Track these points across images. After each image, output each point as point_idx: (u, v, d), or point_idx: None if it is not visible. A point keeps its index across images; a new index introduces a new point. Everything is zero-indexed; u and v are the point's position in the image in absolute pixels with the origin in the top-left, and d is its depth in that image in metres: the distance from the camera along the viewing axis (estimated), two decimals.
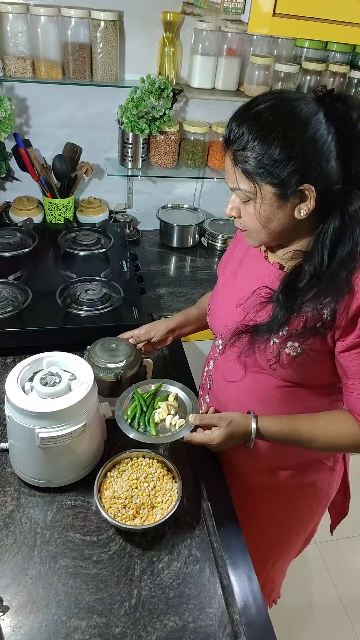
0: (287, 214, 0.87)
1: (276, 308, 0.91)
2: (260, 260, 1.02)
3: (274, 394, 1.01)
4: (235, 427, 0.93)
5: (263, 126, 0.81)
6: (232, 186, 0.90)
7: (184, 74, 1.79)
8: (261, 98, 0.84)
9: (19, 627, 0.81)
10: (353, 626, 1.86)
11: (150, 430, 0.97)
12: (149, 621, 0.83)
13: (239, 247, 1.11)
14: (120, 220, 1.94)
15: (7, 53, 1.56)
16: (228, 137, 0.86)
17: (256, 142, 0.82)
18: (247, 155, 0.83)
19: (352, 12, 1.27)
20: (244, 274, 1.05)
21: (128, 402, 1.02)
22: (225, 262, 1.15)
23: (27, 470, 0.99)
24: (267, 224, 0.89)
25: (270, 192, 0.84)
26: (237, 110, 0.87)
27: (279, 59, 1.74)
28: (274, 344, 0.94)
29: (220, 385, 1.12)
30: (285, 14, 1.24)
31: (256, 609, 0.86)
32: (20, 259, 1.58)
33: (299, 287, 0.89)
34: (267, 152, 0.81)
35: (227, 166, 0.89)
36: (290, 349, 0.93)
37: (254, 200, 0.87)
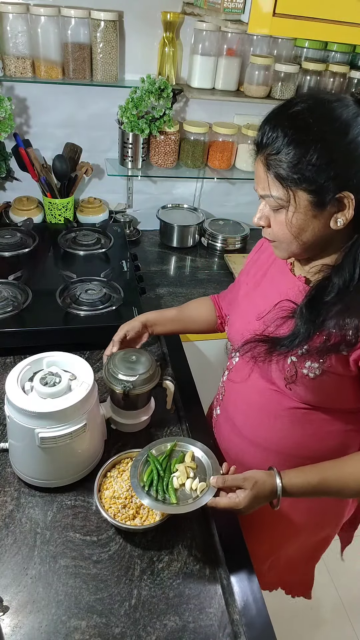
0: (322, 223, 0.81)
1: (299, 322, 0.86)
2: (286, 272, 0.97)
3: (287, 414, 0.97)
4: (260, 487, 0.85)
5: (299, 129, 0.76)
6: (263, 193, 0.83)
7: (184, 74, 1.79)
8: (298, 99, 0.79)
9: (19, 627, 0.81)
10: (353, 626, 1.86)
11: (170, 498, 0.89)
12: (149, 621, 0.83)
13: (264, 256, 1.05)
14: (120, 220, 1.94)
15: (7, 53, 1.56)
16: (260, 141, 0.81)
17: (292, 146, 0.76)
18: (281, 159, 0.77)
19: (352, 12, 1.27)
20: (267, 286, 1.00)
21: (142, 466, 0.94)
22: (247, 270, 1.09)
23: (27, 470, 0.99)
24: (300, 234, 0.82)
25: (305, 199, 0.78)
26: (270, 112, 0.81)
27: (279, 59, 1.74)
28: (291, 362, 0.89)
29: (230, 398, 1.10)
30: (285, 14, 1.24)
31: (256, 609, 0.86)
32: (20, 259, 1.58)
33: (324, 301, 0.83)
34: (304, 156, 0.75)
35: (258, 172, 0.83)
36: (309, 369, 0.88)
37: (286, 209, 0.81)
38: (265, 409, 0.99)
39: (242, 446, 1.07)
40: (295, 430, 0.98)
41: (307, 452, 1.00)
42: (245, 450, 1.07)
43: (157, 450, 0.98)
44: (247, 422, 1.05)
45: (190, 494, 0.90)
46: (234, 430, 1.09)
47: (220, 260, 1.93)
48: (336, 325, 0.82)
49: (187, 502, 0.88)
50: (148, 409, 1.14)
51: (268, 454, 1.03)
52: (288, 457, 1.02)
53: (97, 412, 1.02)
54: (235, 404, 1.08)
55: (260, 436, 1.03)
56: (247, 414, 1.04)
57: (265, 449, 1.03)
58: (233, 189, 2.10)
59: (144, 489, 0.90)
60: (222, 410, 1.14)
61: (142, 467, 0.94)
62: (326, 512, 1.14)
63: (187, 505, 0.87)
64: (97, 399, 1.02)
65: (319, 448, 1.00)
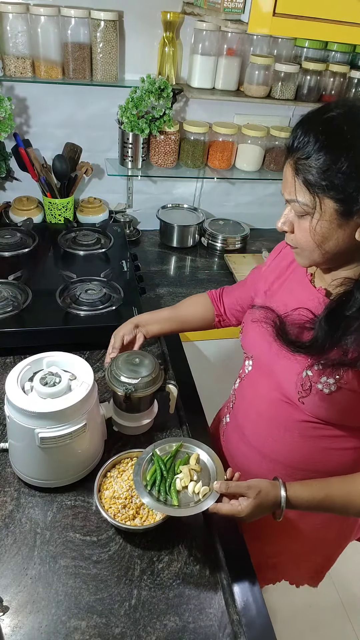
0: (347, 234, 0.79)
1: (318, 334, 0.84)
2: (306, 284, 0.95)
3: (297, 427, 0.96)
4: (264, 497, 0.84)
5: (332, 135, 0.74)
6: (289, 197, 0.81)
7: (184, 74, 1.79)
8: (334, 104, 0.77)
9: (19, 627, 0.81)
10: (353, 626, 1.86)
11: (172, 500, 0.89)
12: (149, 621, 0.83)
13: (283, 264, 1.03)
14: (120, 220, 1.94)
15: (7, 53, 1.56)
16: (291, 144, 0.79)
17: (322, 152, 0.74)
18: (311, 164, 0.75)
19: (352, 12, 1.27)
20: (285, 296, 0.98)
21: (147, 464, 0.94)
22: (266, 277, 1.06)
23: (27, 470, 0.99)
24: (323, 243, 0.81)
25: (332, 207, 0.77)
26: (305, 116, 0.80)
27: (279, 59, 1.74)
28: (306, 376, 0.88)
29: (241, 407, 1.09)
30: (285, 14, 1.24)
31: (256, 609, 0.86)
32: (20, 259, 1.58)
33: (345, 314, 0.82)
34: (334, 163, 0.73)
35: (286, 175, 0.81)
36: (324, 384, 0.86)
37: (312, 216, 0.79)
38: (275, 420, 0.98)
39: (250, 455, 1.06)
40: (304, 444, 0.97)
41: (315, 467, 0.99)
42: (253, 459, 1.06)
43: (162, 450, 0.98)
44: (256, 432, 1.04)
45: (193, 497, 0.90)
46: (243, 439, 1.08)
47: (220, 260, 1.93)
48: (355, 340, 0.81)
49: (189, 506, 0.88)
50: (150, 412, 1.13)
51: (275, 466, 1.02)
52: (296, 470, 1.00)
53: (97, 412, 1.02)
54: (245, 413, 1.06)
55: (268, 447, 1.02)
56: (256, 423, 1.03)
57: (273, 460, 1.02)
58: (233, 189, 2.10)
59: (146, 487, 0.90)
60: (232, 418, 1.13)
61: (146, 466, 0.94)
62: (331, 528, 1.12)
63: (188, 509, 0.87)
64: (97, 399, 1.02)
65: (328, 464, 0.98)
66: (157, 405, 1.16)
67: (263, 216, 2.18)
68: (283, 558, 1.19)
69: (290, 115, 1.96)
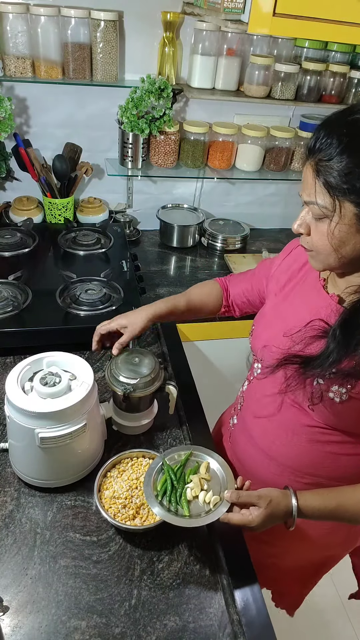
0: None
1: (330, 344, 0.83)
2: (318, 289, 0.94)
3: (305, 432, 0.95)
4: (275, 507, 0.84)
5: (356, 137, 0.73)
6: (308, 199, 0.79)
7: (184, 74, 1.79)
8: (359, 107, 0.76)
9: (19, 627, 0.81)
10: (353, 626, 1.86)
11: (183, 510, 0.88)
12: (149, 621, 0.83)
13: (295, 266, 1.02)
14: (120, 220, 1.94)
15: (7, 53, 1.56)
16: (313, 145, 0.77)
17: (345, 154, 0.73)
18: (333, 167, 0.74)
19: (352, 12, 1.27)
20: (297, 301, 0.97)
21: (157, 474, 0.94)
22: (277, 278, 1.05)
23: (27, 470, 0.99)
24: (340, 247, 0.79)
25: (352, 212, 0.75)
26: (328, 117, 0.78)
27: (279, 59, 1.74)
28: (317, 384, 0.87)
29: (248, 410, 1.08)
30: (285, 14, 1.24)
31: (256, 609, 0.86)
32: (20, 259, 1.58)
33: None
34: (357, 166, 0.72)
35: (307, 177, 0.79)
36: (335, 393, 0.86)
37: (330, 219, 0.77)
38: (284, 424, 0.97)
39: (258, 458, 1.06)
40: (312, 448, 0.96)
41: (323, 472, 0.98)
42: (260, 462, 1.05)
43: (172, 459, 0.97)
44: (264, 435, 1.03)
45: (203, 506, 0.89)
46: (250, 441, 1.07)
47: (220, 260, 1.93)
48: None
49: (200, 516, 0.87)
50: (150, 412, 1.13)
51: (283, 469, 1.02)
52: (303, 474, 1.00)
53: (97, 412, 1.02)
54: (253, 415, 1.06)
55: (276, 451, 1.01)
56: (265, 427, 1.02)
57: (281, 463, 1.02)
58: (233, 189, 2.10)
59: (156, 498, 0.89)
60: (240, 420, 1.13)
61: (156, 476, 0.93)
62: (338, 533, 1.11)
63: (199, 519, 0.86)
64: (97, 399, 1.02)
65: (336, 469, 0.98)
66: (157, 405, 1.16)
67: (263, 216, 2.18)
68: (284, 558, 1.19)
69: (290, 115, 1.96)
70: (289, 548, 1.15)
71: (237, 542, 0.96)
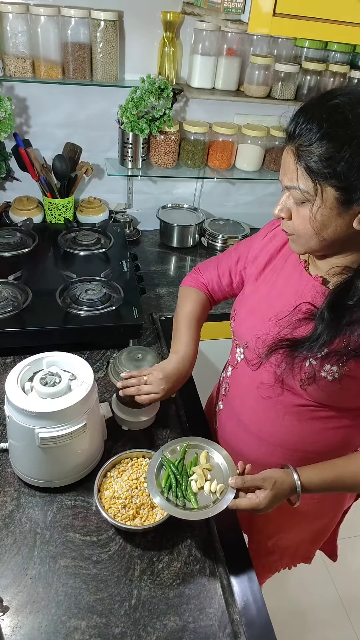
0: (345, 222, 0.79)
1: (320, 326, 0.84)
2: (300, 271, 0.95)
3: (295, 411, 0.97)
4: (280, 487, 0.86)
5: (337, 122, 0.74)
6: (289, 184, 0.80)
7: (184, 74, 1.79)
8: (338, 92, 0.77)
9: (19, 627, 0.81)
10: (353, 626, 1.86)
11: (192, 503, 0.88)
12: (149, 621, 0.83)
13: (271, 245, 1.02)
14: (120, 220, 1.94)
15: (7, 53, 1.56)
16: (293, 131, 0.78)
17: (326, 139, 0.74)
18: (313, 151, 0.75)
19: (352, 12, 1.27)
20: (282, 285, 0.97)
21: (158, 471, 0.94)
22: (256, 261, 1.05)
23: (27, 470, 0.99)
24: (321, 230, 0.80)
25: (333, 195, 0.76)
26: (307, 103, 0.79)
27: (279, 59, 1.74)
28: (310, 365, 0.88)
29: (236, 395, 1.09)
30: (285, 14, 1.24)
31: (256, 609, 0.86)
32: (20, 259, 1.58)
33: (348, 304, 0.82)
34: (338, 151, 0.73)
35: (287, 162, 0.80)
36: (328, 372, 0.87)
37: (312, 203, 0.78)
38: (274, 406, 0.99)
39: (247, 441, 1.08)
40: (302, 426, 0.99)
41: (311, 447, 1.01)
42: (250, 444, 1.07)
43: (170, 452, 0.97)
44: (253, 418, 1.05)
45: (210, 496, 0.90)
46: (240, 425, 1.09)
47: None
48: (356, 329, 0.82)
49: (208, 506, 0.88)
50: (153, 408, 1.14)
51: (274, 449, 1.04)
52: (294, 452, 1.02)
53: (97, 412, 1.02)
54: (242, 399, 1.07)
55: (266, 432, 1.04)
56: (254, 409, 1.04)
57: (271, 443, 1.04)
58: (233, 189, 2.10)
59: (163, 494, 0.89)
60: (226, 405, 1.14)
61: (157, 472, 0.93)
62: (325, 501, 1.15)
63: (209, 509, 0.87)
64: (97, 399, 1.02)
65: (324, 443, 1.01)
66: (158, 402, 1.16)
67: (263, 216, 2.17)
68: (283, 535, 1.21)
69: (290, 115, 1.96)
70: (285, 525, 1.18)
71: (237, 542, 0.96)
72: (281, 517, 1.14)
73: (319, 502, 1.12)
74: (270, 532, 1.20)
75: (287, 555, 1.30)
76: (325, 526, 1.25)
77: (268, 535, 1.20)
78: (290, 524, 1.18)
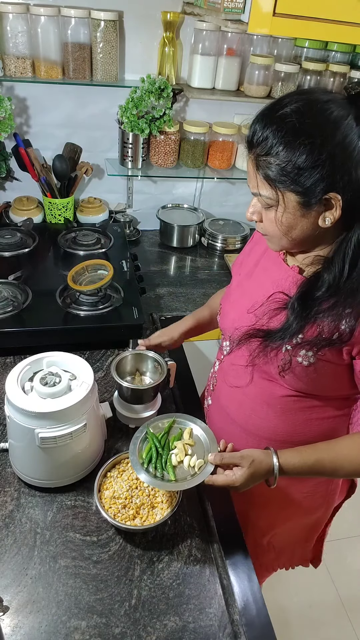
0: (310, 222, 0.83)
1: (290, 316, 0.88)
2: (279, 262, 0.99)
3: (279, 402, 0.99)
4: (257, 466, 0.87)
5: (288, 131, 0.77)
6: (254, 191, 0.85)
7: (184, 74, 1.79)
8: (287, 99, 0.79)
9: (19, 627, 0.81)
10: (353, 626, 1.86)
11: (169, 475, 0.90)
12: (149, 621, 0.83)
13: (257, 247, 1.08)
14: (120, 220, 1.94)
15: (7, 53, 1.56)
16: (251, 139, 0.82)
17: (280, 148, 0.78)
18: (270, 161, 0.79)
19: (352, 12, 1.27)
20: (260, 276, 1.02)
21: (141, 444, 0.95)
22: (240, 261, 1.12)
23: (27, 470, 0.99)
24: (289, 231, 0.85)
25: (294, 200, 0.81)
26: (261, 111, 0.82)
27: (279, 59, 1.74)
28: (286, 351, 0.91)
29: (223, 388, 1.11)
30: (285, 14, 1.24)
31: (256, 609, 0.86)
32: (20, 259, 1.58)
33: (315, 295, 0.86)
34: (292, 159, 0.77)
35: (249, 170, 0.85)
36: (303, 357, 0.90)
37: (276, 208, 0.83)
38: (259, 398, 1.01)
39: (235, 434, 1.09)
40: (287, 417, 1.00)
41: (298, 438, 1.02)
42: (238, 438, 1.08)
43: (155, 427, 0.99)
44: (240, 411, 1.07)
45: (189, 470, 0.92)
46: (227, 419, 1.11)
47: (220, 260, 1.93)
48: (330, 318, 0.85)
49: (186, 479, 0.90)
50: (154, 404, 1.15)
51: (260, 441, 1.05)
52: (280, 443, 1.03)
53: (97, 412, 1.02)
54: (228, 393, 1.09)
55: (253, 424, 1.05)
56: (240, 403, 1.06)
57: (258, 436, 1.06)
58: (233, 189, 2.10)
59: (142, 465, 0.91)
60: (214, 400, 1.15)
61: (141, 445, 0.95)
62: (316, 496, 1.16)
63: (186, 482, 0.88)
64: (97, 399, 1.02)
65: (311, 434, 1.02)
66: (160, 399, 1.16)
67: None
68: (277, 532, 1.22)
69: None
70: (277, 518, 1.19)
71: (237, 542, 0.96)
72: (274, 510, 1.16)
73: (310, 496, 1.13)
74: (264, 527, 1.20)
75: (284, 555, 1.30)
76: (317, 521, 1.25)
77: (262, 531, 1.21)
78: (283, 515, 1.18)
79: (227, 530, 0.97)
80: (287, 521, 1.20)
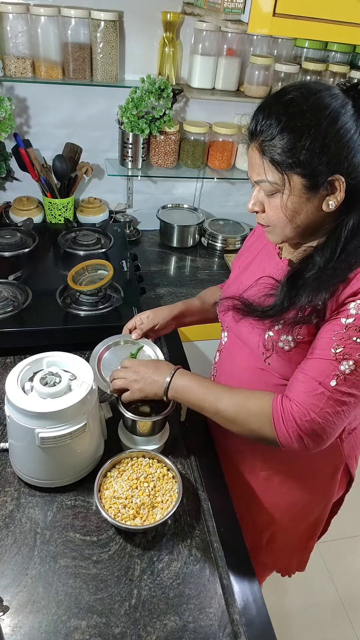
0: (315, 206, 0.85)
1: (279, 295, 0.91)
2: (273, 256, 1.02)
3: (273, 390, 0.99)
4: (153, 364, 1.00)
5: (294, 115, 0.80)
6: (258, 178, 0.86)
7: (184, 74, 1.79)
8: (290, 88, 0.83)
9: (19, 627, 0.81)
10: (353, 626, 1.86)
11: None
12: (149, 621, 0.83)
13: (257, 243, 1.10)
14: (120, 220, 1.94)
15: (7, 53, 1.56)
16: (254, 129, 0.84)
17: (286, 132, 0.80)
18: (276, 144, 0.81)
19: (352, 12, 1.27)
20: (254, 269, 1.06)
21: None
22: (240, 254, 1.15)
23: (27, 470, 0.99)
24: (294, 217, 0.86)
25: (300, 183, 0.82)
26: (264, 101, 0.85)
27: (279, 59, 1.74)
28: (269, 337, 0.95)
29: (221, 378, 1.14)
30: (285, 14, 1.24)
31: (256, 609, 0.86)
32: (20, 259, 1.58)
33: (305, 276, 0.88)
34: (298, 141, 0.79)
35: (253, 158, 0.86)
36: (284, 342, 0.93)
37: (282, 192, 0.84)
38: (253, 387, 1.02)
39: None
40: None
41: None
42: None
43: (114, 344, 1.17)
44: None
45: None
46: None
47: (220, 260, 1.93)
48: (307, 298, 0.87)
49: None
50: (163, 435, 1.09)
51: None
52: None
53: (97, 412, 1.02)
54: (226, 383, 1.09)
55: None
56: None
57: None
58: (233, 189, 2.10)
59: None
60: None
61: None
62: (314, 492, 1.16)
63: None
64: (97, 399, 1.02)
65: None
66: (168, 429, 1.11)
67: None
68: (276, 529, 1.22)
69: None
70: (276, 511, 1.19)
71: (237, 543, 0.96)
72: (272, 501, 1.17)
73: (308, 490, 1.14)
74: (264, 523, 1.20)
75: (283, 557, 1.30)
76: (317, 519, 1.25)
77: (262, 527, 1.20)
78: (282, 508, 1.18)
79: (227, 530, 0.97)
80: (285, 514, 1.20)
